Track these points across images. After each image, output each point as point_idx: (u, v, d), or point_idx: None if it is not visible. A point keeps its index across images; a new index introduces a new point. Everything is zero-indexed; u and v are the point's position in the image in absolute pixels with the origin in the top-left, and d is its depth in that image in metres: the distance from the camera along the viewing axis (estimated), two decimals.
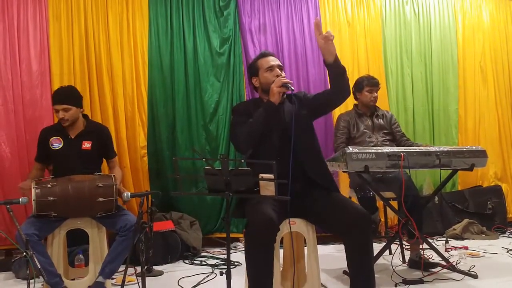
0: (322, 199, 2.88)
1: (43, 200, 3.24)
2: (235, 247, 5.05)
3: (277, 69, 3.09)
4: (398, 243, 4.31)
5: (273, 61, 3.13)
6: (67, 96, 3.62)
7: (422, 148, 3.71)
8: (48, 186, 3.30)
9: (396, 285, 3.53)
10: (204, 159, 2.57)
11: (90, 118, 3.91)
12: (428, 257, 4.05)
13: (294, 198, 2.70)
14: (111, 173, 3.75)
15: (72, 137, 3.66)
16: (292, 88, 2.92)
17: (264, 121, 2.90)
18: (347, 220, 2.72)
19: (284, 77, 3.02)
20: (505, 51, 6.51)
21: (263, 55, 3.21)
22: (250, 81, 3.25)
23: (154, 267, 4.15)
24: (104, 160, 3.94)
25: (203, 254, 4.79)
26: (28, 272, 2.67)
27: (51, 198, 3.25)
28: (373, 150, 3.50)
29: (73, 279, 3.64)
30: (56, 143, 3.64)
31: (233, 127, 3.15)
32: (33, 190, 3.25)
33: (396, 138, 4.43)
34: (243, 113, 3.09)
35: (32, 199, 3.23)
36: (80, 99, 3.73)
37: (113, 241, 3.44)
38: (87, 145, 3.67)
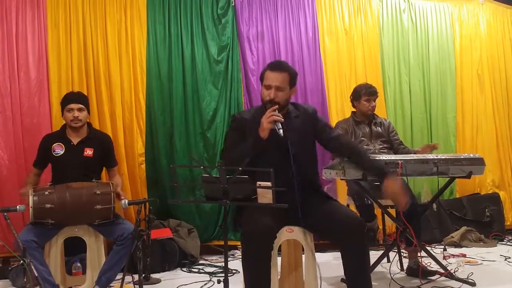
0: (318, 207, 2.88)
1: (41, 207, 3.23)
2: (233, 254, 5.03)
3: (274, 90, 2.94)
4: (396, 250, 4.30)
5: (273, 81, 2.96)
6: (81, 97, 3.78)
7: (420, 156, 3.71)
8: (46, 193, 3.29)
9: None
10: (202, 167, 2.58)
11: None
12: (426, 265, 4.04)
13: (292, 206, 2.70)
14: (110, 181, 3.76)
15: (75, 144, 3.67)
16: (281, 131, 2.79)
17: (251, 154, 2.79)
18: (342, 229, 2.72)
19: (275, 108, 2.86)
20: (502, 60, 6.53)
21: (271, 67, 3.04)
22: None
23: (151, 275, 4.14)
24: (104, 169, 3.94)
25: (201, 262, 4.77)
26: (25, 280, 2.66)
27: (49, 205, 3.24)
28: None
29: (71, 287, 3.63)
30: (58, 149, 3.65)
31: (226, 143, 3.14)
32: (30, 197, 3.24)
33: (393, 146, 4.43)
34: (239, 127, 3.05)
35: (30, 206, 3.22)
36: (88, 105, 3.86)
37: (111, 249, 3.43)
38: (89, 152, 3.67)
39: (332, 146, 3.17)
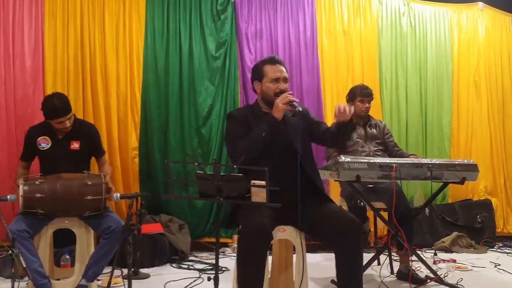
0: (316, 207, 2.87)
1: (31, 196, 3.21)
2: (223, 252, 5.02)
3: (282, 83, 3.00)
4: (387, 254, 4.30)
5: (280, 72, 3.02)
6: (65, 105, 3.50)
7: (414, 160, 3.70)
8: (36, 183, 3.27)
9: None
10: (196, 163, 2.55)
11: (80, 117, 3.85)
12: (416, 269, 4.04)
13: (287, 206, 2.68)
14: (100, 171, 3.74)
15: (60, 137, 3.60)
16: (299, 108, 2.85)
17: (266, 136, 2.83)
18: (339, 229, 2.71)
19: (291, 93, 2.92)
20: (499, 66, 6.52)
21: (271, 61, 3.07)
22: (251, 84, 3.17)
23: (140, 269, 4.12)
24: (94, 158, 3.89)
25: (191, 258, 4.76)
26: (13, 271, 2.63)
27: (39, 195, 3.22)
28: (365, 160, 3.49)
29: (59, 279, 3.61)
30: (44, 143, 3.58)
31: (230, 136, 3.05)
32: (20, 186, 3.22)
33: (388, 148, 4.43)
34: (241, 122, 3.02)
35: (20, 195, 3.20)
36: (71, 105, 3.61)
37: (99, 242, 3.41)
38: (75, 145, 3.61)
39: (327, 136, 3.12)
